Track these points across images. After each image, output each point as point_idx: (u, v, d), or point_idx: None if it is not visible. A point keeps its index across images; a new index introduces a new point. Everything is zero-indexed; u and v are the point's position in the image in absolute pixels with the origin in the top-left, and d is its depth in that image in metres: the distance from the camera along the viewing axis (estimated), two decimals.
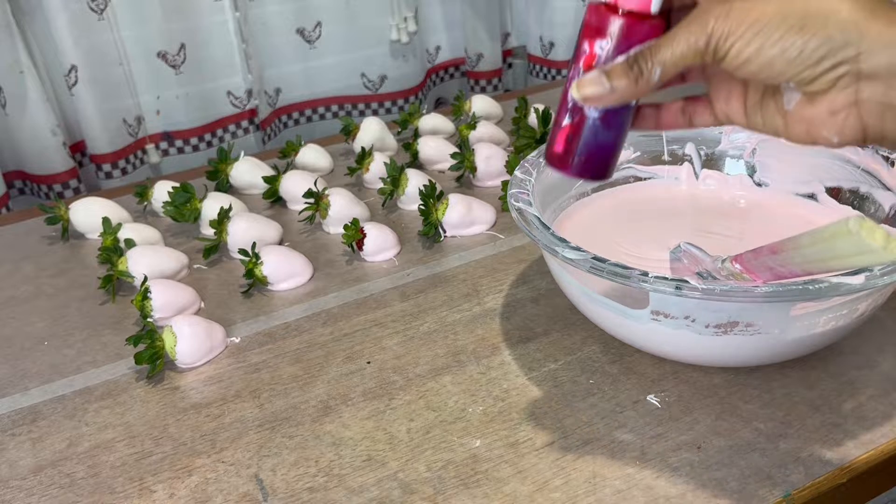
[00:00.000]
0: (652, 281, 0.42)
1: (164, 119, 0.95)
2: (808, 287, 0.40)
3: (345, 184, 0.78)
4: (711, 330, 0.44)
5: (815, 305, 0.43)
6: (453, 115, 0.90)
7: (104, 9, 0.86)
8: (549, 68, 1.15)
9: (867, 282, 0.40)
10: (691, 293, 0.41)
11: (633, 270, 0.43)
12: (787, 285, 0.40)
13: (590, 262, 0.44)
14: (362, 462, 0.46)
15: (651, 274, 0.42)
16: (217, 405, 0.52)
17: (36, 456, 0.49)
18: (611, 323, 0.50)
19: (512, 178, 0.55)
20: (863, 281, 0.40)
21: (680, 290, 0.41)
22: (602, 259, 0.44)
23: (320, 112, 1.07)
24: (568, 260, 0.45)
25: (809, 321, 0.44)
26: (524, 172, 0.56)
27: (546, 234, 0.47)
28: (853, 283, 0.40)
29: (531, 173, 0.55)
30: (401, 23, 1.02)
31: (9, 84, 0.83)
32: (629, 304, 0.46)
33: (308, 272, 0.65)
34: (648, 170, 0.63)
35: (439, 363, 0.54)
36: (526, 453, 0.46)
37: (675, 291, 0.41)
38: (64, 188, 0.89)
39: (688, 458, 0.44)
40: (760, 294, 0.40)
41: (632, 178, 0.63)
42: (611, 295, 0.47)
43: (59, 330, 0.62)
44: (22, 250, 0.74)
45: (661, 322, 0.45)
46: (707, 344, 0.45)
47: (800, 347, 0.46)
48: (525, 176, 0.55)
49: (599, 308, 0.49)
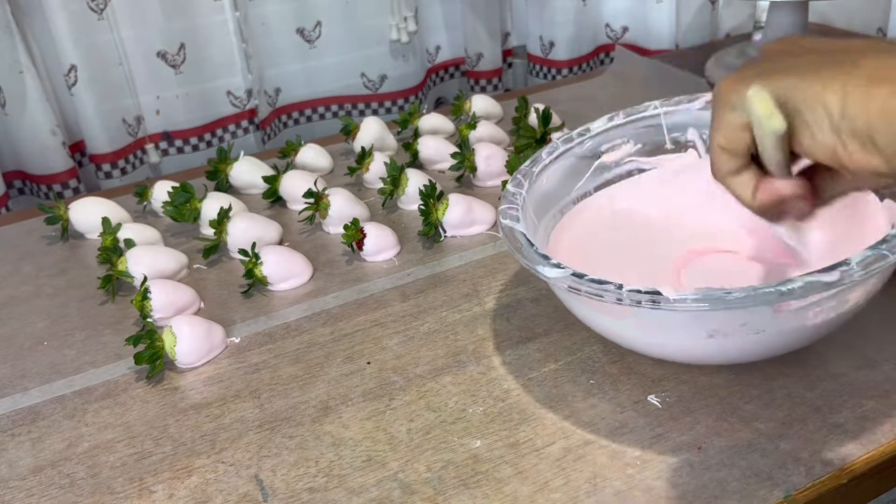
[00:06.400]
0: (626, 296, 0.41)
1: (164, 119, 0.95)
2: (780, 289, 0.39)
3: (345, 184, 0.78)
4: (702, 333, 0.44)
5: (796, 303, 0.42)
6: (453, 114, 0.90)
7: (104, 8, 0.86)
8: (549, 68, 1.15)
9: (842, 278, 0.39)
10: (666, 306, 0.41)
11: (608, 286, 0.42)
12: (759, 288, 0.39)
13: (569, 279, 0.44)
14: (362, 462, 0.46)
15: (625, 288, 0.42)
16: (217, 405, 0.52)
17: (35, 456, 0.49)
18: (602, 329, 0.50)
19: (504, 192, 0.55)
20: (838, 277, 0.39)
21: (657, 304, 0.41)
22: (580, 275, 0.44)
23: (320, 112, 1.07)
24: (547, 278, 0.45)
25: (797, 317, 0.43)
26: (516, 185, 0.55)
27: (530, 252, 0.47)
28: (828, 280, 0.39)
29: (523, 185, 0.55)
30: (401, 22, 1.02)
31: (8, 84, 0.83)
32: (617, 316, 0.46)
33: (308, 272, 0.65)
34: (651, 161, 0.62)
35: (439, 363, 0.54)
36: (526, 454, 0.46)
37: (652, 305, 0.41)
38: (63, 188, 0.89)
39: (688, 458, 0.44)
40: (734, 300, 0.39)
41: (635, 171, 0.62)
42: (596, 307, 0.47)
43: (58, 330, 0.62)
44: (21, 250, 0.74)
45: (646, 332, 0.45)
46: (699, 345, 0.45)
47: (795, 341, 0.46)
48: (517, 189, 0.54)
49: (586, 314, 0.49)
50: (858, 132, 0.30)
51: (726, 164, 0.37)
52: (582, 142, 0.60)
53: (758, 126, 0.35)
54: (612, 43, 1.18)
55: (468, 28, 1.10)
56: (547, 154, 0.59)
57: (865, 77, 0.30)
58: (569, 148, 0.59)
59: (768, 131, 0.34)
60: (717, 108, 0.36)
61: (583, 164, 0.61)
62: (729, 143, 0.36)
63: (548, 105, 0.82)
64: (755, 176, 0.38)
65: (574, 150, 0.60)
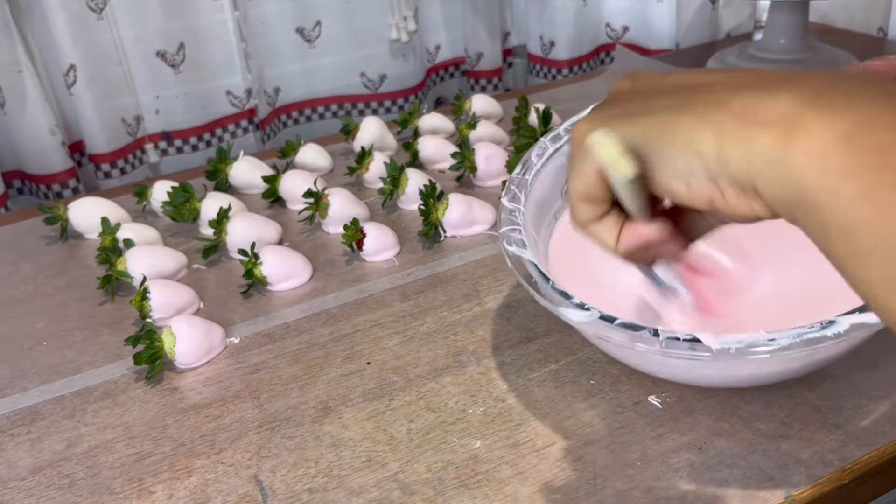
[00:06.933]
0: (665, 344, 0.40)
1: (164, 118, 0.95)
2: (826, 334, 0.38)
3: (344, 183, 0.78)
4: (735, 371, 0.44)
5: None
6: (453, 114, 0.90)
7: (103, 8, 0.86)
8: (549, 67, 1.15)
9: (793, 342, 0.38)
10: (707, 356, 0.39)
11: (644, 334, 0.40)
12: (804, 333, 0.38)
13: (596, 322, 0.42)
14: (362, 463, 0.46)
15: (662, 336, 0.40)
16: (216, 406, 0.52)
17: (35, 456, 0.49)
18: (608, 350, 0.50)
19: (501, 207, 0.52)
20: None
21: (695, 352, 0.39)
22: (610, 318, 0.41)
23: (320, 111, 1.07)
24: (572, 321, 0.43)
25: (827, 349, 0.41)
26: (513, 199, 0.51)
27: (548, 289, 0.45)
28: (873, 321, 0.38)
29: (519, 199, 0.52)
30: (400, 22, 1.02)
31: (8, 84, 0.83)
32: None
33: (308, 272, 0.65)
34: None
35: (439, 364, 0.54)
36: (526, 454, 0.46)
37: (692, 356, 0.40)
38: (63, 188, 0.89)
39: (689, 458, 0.44)
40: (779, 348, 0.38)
41: None
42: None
43: (58, 330, 0.62)
44: (21, 250, 0.74)
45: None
46: (725, 377, 0.46)
47: (819, 363, 0.46)
48: (514, 205, 0.51)
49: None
50: (739, 179, 0.27)
51: (586, 213, 0.34)
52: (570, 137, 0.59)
53: (608, 173, 0.32)
54: (613, 42, 1.18)
55: (468, 27, 1.10)
56: (537, 157, 0.57)
57: (740, 120, 0.27)
58: (558, 147, 0.58)
59: (617, 178, 0.31)
60: (571, 154, 0.33)
61: None
62: (586, 191, 0.33)
63: (548, 105, 0.82)
64: (618, 221, 0.35)
65: (563, 148, 0.58)
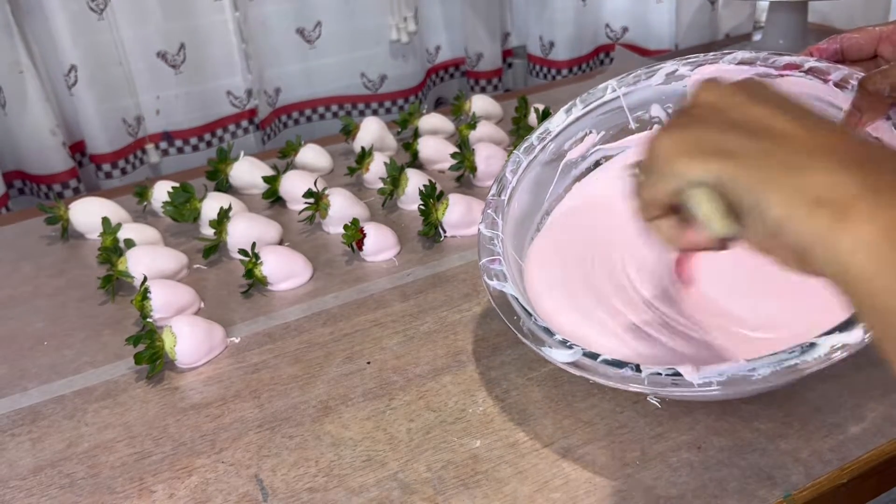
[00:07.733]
0: (647, 379, 0.41)
1: (164, 119, 0.95)
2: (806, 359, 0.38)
3: (345, 184, 0.78)
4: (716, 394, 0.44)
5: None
6: (453, 114, 0.90)
7: (104, 8, 0.86)
8: (549, 68, 1.15)
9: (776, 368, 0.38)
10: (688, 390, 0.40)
11: (626, 371, 0.41)
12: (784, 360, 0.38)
13: (579, 359, 0.43)
14: (362, 462, 0.46)
15: (644, 372, 0.41)
16: (217, 405, 0.52)
17: (35, 456, 0.49)
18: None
19: (479, 235, 0.51)
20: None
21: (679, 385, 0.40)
22: (593, 355, 0.42)
23: (320, 112, 1.07)
24: (555, 361, 0.43)
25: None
26: (490, 226, 0.51)
27: (531, 324, 0.45)
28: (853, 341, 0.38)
29: (497, 224, 0.51)
30: (400, 22, 1.02)
31: (8, 84, 0.83)
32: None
33: (308, 272, 0.65)
34: (617, 145, 0.59)
35: (439, 363, 0.54)
36: (526, 453, 0.46)
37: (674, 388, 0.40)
38: (63, 188, 0.89)
39: (688, 458, 0.44)
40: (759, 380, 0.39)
41: (602, 160, 0.59)
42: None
43: (58, 330, 0.62)
44: (21, 250, 0.74)
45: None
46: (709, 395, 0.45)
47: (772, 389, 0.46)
48: (492, 232, 0.51)
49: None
50: (793, 248, 0.29)
51: (652, 212, 0.36)
52: (545, 147, 0.57)
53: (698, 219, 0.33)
54: (612, 43, 1.18)
55: (468, 28, 1.10)
56: (511, 173, 0.55)
57: (812, 197, 0.28)
58: (532, 158, 0.57)
59: (716, 232, 0.32)
60: (650, 167, 0.34)
61: (549, 171, 0.58)
62: (659, 201, 0.35)
63: (548, 105, 0.82)
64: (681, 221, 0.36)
65: (538, 157, 0.57)
